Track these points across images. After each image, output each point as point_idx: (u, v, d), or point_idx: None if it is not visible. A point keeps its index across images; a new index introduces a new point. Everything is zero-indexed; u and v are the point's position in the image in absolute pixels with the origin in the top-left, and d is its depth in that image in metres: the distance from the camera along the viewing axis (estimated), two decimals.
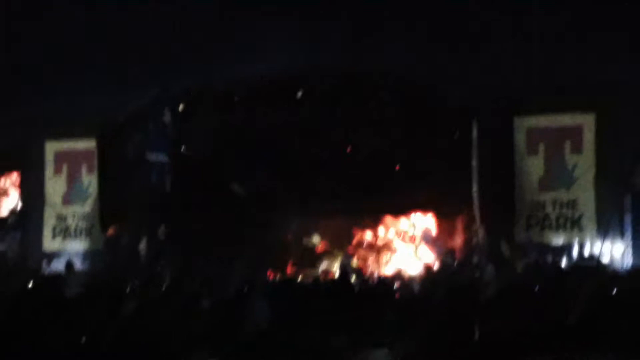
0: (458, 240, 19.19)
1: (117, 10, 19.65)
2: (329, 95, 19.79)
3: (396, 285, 15.21)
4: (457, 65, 18.26)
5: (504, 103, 18.57)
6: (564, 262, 17.32)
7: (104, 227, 20.78)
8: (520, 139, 18.58)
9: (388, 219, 20.73)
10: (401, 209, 20.29)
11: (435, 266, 18.74)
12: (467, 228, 18.76)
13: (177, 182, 20.25)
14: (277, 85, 19.82)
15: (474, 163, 18.54)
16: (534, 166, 18.48)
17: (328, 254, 20.52)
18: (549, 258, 17.43)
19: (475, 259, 17.98)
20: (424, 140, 19.13)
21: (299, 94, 19.94)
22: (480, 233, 18.20)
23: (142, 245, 19.97)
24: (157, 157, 20.47)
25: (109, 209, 20.80)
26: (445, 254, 19.30)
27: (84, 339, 8.30)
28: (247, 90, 20.08)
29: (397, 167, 19.53)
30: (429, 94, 19.05)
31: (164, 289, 15.41)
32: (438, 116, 19.08)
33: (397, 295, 12.18)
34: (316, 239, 20.88)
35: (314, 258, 20.53)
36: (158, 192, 20.45)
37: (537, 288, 10.21)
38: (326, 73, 19.69)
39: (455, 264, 18.52)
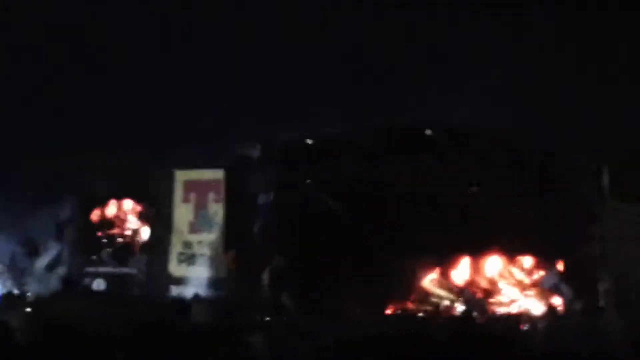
0: (584, 286, 18.91)
1: (248, 43, 19.94)
2: (456, 142, 19.90)
3: (519, 326, 15.07)
4: (589, 116, 18.13)
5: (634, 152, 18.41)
6: None
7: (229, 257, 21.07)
8: None
9: (514, 259, 20.52)
10: (528, 250, 20.09)
11: (560, 311, 18.50)
12: (594, 274, 18.49)
13: (302, 216, 20.32)
14: (406, 134, 20.03)
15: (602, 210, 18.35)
16: None
17: (452, 291, 20.38)
18: None
19: (601, 306, 17.70)
20: (554, 184, 19.04)
21: (427, 134, 20.06)
22: (607, 279, 17.94)
23: (265, 277, 20.09)
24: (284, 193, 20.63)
25: (234, 239, 21.06)
26: (571, 299, 19.05)
27: None
28: (377, 136, 20.24)
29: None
30: (558, 141, 18.99)
31: (285, 321, 15.51)
32: (569, 163, 19.11)
33: (519, 336, 12.07)
34: (439, 276, 20.74)
35: (437, 294, 20.42)
36: (282, 225, 20.56)
37: None
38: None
39: (581, 309, 18.25)
